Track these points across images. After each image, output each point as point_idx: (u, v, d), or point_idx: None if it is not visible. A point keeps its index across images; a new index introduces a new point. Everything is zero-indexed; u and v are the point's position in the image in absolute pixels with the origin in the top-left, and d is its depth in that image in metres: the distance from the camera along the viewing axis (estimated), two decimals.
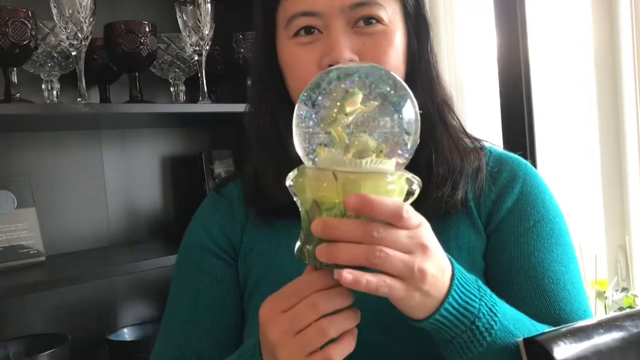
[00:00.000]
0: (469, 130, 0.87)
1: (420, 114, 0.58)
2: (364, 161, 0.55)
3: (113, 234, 1.71)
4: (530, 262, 0.77)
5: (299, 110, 0.59)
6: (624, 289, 1.48)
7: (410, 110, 0.57)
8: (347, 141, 0.56)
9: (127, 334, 1.63)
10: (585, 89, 1.57)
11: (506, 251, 0.79)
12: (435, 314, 0.60)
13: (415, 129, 0.57)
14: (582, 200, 1.61)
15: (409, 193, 0.58)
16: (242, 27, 1.70)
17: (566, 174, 1.65)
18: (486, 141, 0.87)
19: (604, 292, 1.48)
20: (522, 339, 0.63)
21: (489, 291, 0.65)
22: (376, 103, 0.56)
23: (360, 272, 0.54)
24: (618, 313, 0.70)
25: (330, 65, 0.74)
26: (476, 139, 0.86)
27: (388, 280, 0.55)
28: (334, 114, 0.56)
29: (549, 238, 0.79)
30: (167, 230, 1.79)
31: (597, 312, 1.47)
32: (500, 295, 0.76)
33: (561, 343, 0.62)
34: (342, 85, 0.57)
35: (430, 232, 0.59)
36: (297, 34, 0.77)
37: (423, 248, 0.57)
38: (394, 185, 0.56)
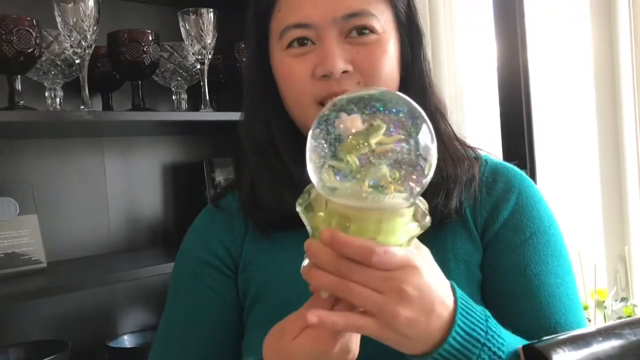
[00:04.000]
0: (469, 139, 0.87)
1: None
2: (369, 197, 0.55)
3: (114, 241, 1.71)
4: (526, 275, 0.77)
5: (314, 134, 0.57)
6: (623, 299, 1.48)
7: (427, 137, 0.55)
8: (359, 172, 0.55)
9: (127, 340, 1.63)
10: (585, 98, 1.57)
11: (502, 263, 0.78)
12: (427, 357, 0.60)
13: (431, 155, 0.56)
14: (582, 209, 1.61)
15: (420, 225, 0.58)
16: (243, 36, 1.71)
17: (566, 183, 1.65)
18: (481, 150, 0.87)
19: (604, 301, 1.48)
20: (521, 346, 0.63)
21: (497, 332, 0.63)
22: (401, 136, 0.55)
23: (328, 314, 0.56)
24: (617, 321, 0.70)
25: (324, 76, 0.74)
26: (470, 147, 0.85)
27: (357, 321, 0.57)
28: (353, 144, 0.55)
29: (544, 250, 0.79)
30: (167, 238, 1.80)
31: (597, 322, 1.47)
32: (495, 306, 0.75)
33: (560, 351, 0.62)
34: (364, 116, 0.55)
35: (418, 276, 0.57)
36: (290, 45, 0.77)
37: (399, 292, 0.56)
38: (388, 223, 0.56)
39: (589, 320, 1.47)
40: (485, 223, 0.80)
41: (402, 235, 0.57)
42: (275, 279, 0.80)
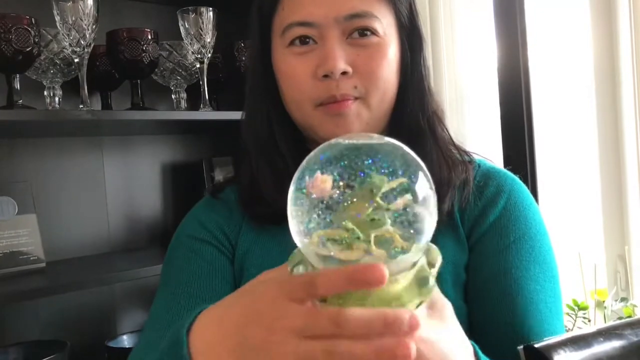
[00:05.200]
0: (470, 140, 0.87)
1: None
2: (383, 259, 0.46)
3: (113, 241, 1.71)
4: (506, 279, 0.76)
5: (297, 197, 0.48)
6: (623, 299, 1.48)
7: (426, 187, 0.48)
8: (360, 235, 0.46)
9: (126, 340, 1.62)
10: (585, 98, 1.57)
11: (485, 266, 0.78)
12: None
13: (432, 208, 0.48)
14: (582, 209, 1.61)
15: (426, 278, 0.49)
16: (243, 35, 1.71)
17: (566, 182, 1.65)
18: (476, 154, 0.87)
19: (604, 301, 1.48)
20: (522, 346, 0.63)
21: None
22: (404, 180, 0.47)
23: None
24: (618, 322, 0.70)
25: (325, 76, 0.75)
26: (466, 152, 0.85)
27: None
28: (358, 206, 0.46)
29: (528, 255, 0.78)
30: (167, 237, 1.78)
31: (597, 322, 1.47)
32: (474, 309, 0.76)
33: (561, 351, 0.62)
34: (356, 170, 0.47)
35: (429, 348, 0.49)
36: (292, 43, 0.77)
37: None
38: (400, 283, 0.47)
39: (589, 321, 1.47)
40: (472, 225, 0.80)
41: (415, 293, 0.49)
42: None
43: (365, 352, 0.43)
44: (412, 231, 0.47)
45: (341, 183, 0.46)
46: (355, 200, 0.46)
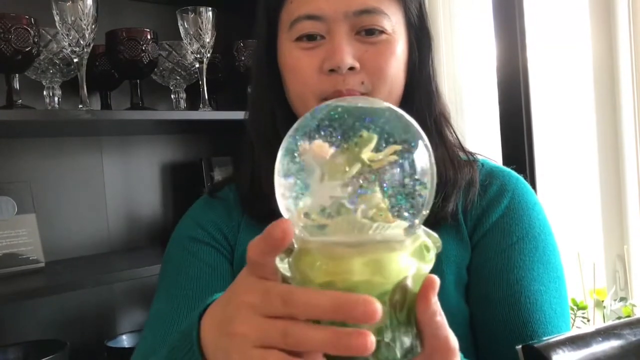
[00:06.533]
0: (469, 140, 0.87)
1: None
2: (365, 229, 0.42)
3: (113, 241, 1.71)
4: (509, 279, 0.75)
5: (284, 162, 0.46)
6: (622, 299, 1.48)
7: (425, 156, 0.44)
8: (349, 204, 0.42)
9: (126, 340, 1.62)
10: (584, 98, 1.57)
11: (487, 266, 0.77)
12: None
13: (431, 178, 0.44)
14: (581, 209, 1.62)
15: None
16: (242, 35, 1.71)
17: (565, 182, 1.65)
18: (480, 154, 0.86)
19: (602, 301, 1.48)
20: (520, 346, 0.63)
21: None
22: (398, 147, 0.43)
23: None
24: (617, 321, 0.69)
25: (332, 71, 0.74)
26: (470, 153, 0.85)
27: None
28: (342, 166, 0.42)
29: (531, 255, 0.77)
30: (166, 237, 1.77)
31: (596, 322, 1.47)
32: (475, 310, 0.75)
33: (560, 351, 0.62)
34: (351, 127, 0.43)
35: None
36: (299, 39, 0.77)
37: None
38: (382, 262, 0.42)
39: (588, 320, 1.47)
40: (475, 224, 0.79)
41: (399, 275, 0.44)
42: None
43: (319, 337, 0.39)
44: (405, 205, 0.43)
45: (331, 148, 0.43)
46: (339, 156, 0.42)
